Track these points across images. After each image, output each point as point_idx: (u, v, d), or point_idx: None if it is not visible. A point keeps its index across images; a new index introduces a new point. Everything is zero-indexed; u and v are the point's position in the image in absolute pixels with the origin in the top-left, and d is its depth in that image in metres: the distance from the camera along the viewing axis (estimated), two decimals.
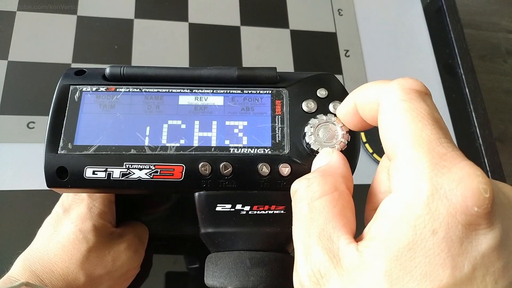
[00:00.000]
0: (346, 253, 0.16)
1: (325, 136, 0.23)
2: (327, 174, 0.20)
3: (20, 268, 0.28)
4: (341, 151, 0.23)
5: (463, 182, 0.14)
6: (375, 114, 0.19)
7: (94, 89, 0.25)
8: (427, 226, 0.14)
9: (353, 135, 0.24)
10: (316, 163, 0.22)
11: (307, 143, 0.23)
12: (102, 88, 0.25)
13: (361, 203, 0.21)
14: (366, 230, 0.17)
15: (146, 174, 0.24)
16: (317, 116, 0.24)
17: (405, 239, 0.15)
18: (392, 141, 0.17)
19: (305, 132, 0.24)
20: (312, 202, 0.18)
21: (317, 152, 0.23)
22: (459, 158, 0.15)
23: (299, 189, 0.20)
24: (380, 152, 0.50)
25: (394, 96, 0.17)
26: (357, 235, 0.17)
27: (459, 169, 0.15)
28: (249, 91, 0.26)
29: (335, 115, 0.24)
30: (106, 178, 0.23)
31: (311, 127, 0.24)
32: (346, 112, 0.22)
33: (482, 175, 0.14)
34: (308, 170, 0.23)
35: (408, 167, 0.16)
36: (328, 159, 0.21)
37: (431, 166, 0.15)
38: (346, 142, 0.23)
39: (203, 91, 0.26)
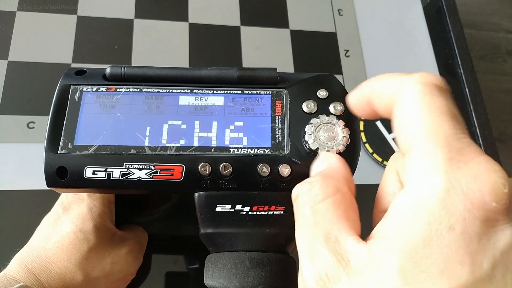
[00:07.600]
0: (355, 253, 0.16)
1: (325, 137, 0.23)
2: (328, 177, 0.20)
3: (16, 266, 0.28)
4: (342, 152, 0.23)
5: (481, 177, 0.14)
6: (389, 106, 0.18)
7: (94, 89, 0.25)
8: (443, 222, 0.14)
9: (353, 136, 0.23)
10: (316, 167, 0.22)
11: (307, 144, 0.23)
12: (103, 88, 0.25)
13: (363, 203, 0.21)
14: (376, 229, 0.16)
15: (146, 174, 0.24)
16: (318, 117, 0.24)
17: (420, 235, 0.14)
18: (408, 133, 0.16)
19: (305, 133, 0.24)
20: (315, 205, 0.18)
21: (316, 152, 0.23)
22: (476, 153, 0.15)
23: (301, 193, 0.19)
24: (380, 152, 0.50)
25: (414, 89, 0.17)
26: (361, 237, 0.17)
27: (477, 163, 0.14)
28: (250, 92, 0.26)
29: (335, 116, 0.24)
30: (106, 178, 0.23)
31: (312, 127, 0.23)
32: (359, 99, 0.21)
33: (500, 170, 0.14)
34: (308, 171, 0.23)
35: (423, 160, 0.15)
36: (327, 162, 0.21)
37: (448, 160, 0.15)
38: (347, 143, 0.23)
39: (203, 91, 0.25)
